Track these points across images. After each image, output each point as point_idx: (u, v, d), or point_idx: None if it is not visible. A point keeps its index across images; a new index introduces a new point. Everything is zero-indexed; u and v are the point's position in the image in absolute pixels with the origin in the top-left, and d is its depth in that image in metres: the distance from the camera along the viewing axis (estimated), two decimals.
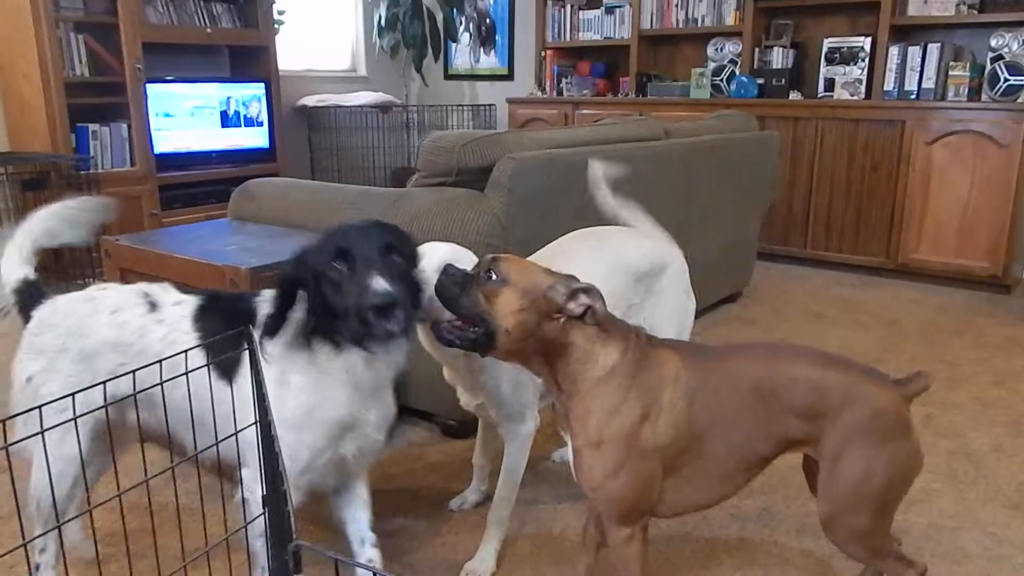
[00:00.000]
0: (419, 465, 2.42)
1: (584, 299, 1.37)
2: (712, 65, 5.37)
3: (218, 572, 1.73)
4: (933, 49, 4.49)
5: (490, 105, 6.66)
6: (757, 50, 5.20)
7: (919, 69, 4.55)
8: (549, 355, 1.40)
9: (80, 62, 4.59)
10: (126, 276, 2.42)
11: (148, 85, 4.82)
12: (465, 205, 2.39)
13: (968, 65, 4.40)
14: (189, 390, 1.41)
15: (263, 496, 1.27)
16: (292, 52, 6.15)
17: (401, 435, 2.59)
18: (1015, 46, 4.20)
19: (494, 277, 1.37)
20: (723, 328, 3.72)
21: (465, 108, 6.66)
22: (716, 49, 5.35)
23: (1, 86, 4.62)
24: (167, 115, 5.01)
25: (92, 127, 4.65)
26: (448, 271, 1.41)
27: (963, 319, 3.90)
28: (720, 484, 1.46)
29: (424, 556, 1.94)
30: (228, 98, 5.34)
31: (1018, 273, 4.48)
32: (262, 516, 1.32)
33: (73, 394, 1.15)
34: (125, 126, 4.77)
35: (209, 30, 5.22)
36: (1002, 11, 4.32)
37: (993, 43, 4.26)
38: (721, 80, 5.32)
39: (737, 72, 5.24)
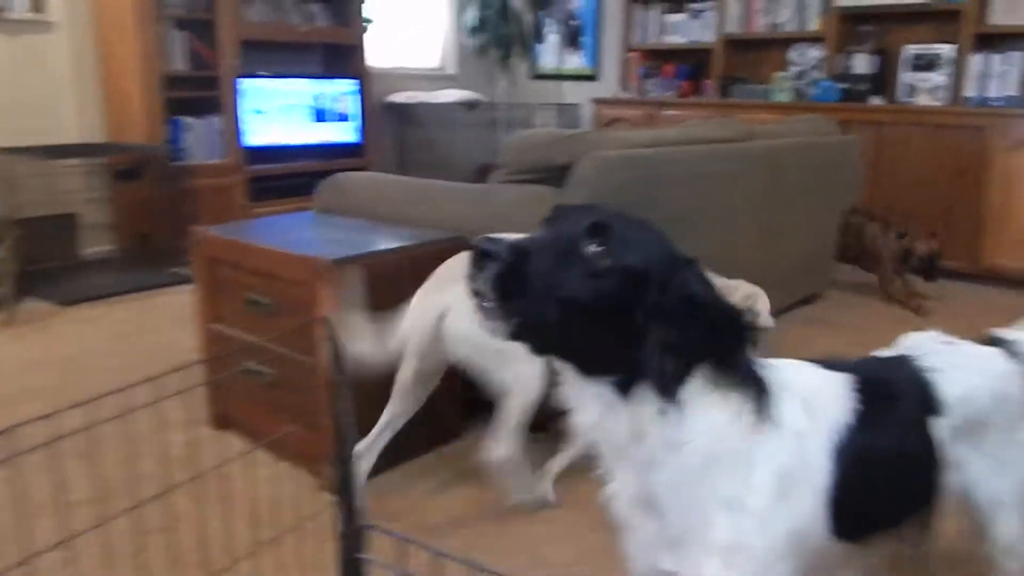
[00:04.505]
0: None
1: None
2: (794, 69, 5.40)
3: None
4: (1016, 57, 4.49)
5: (575, 104, 6.78)
6: (840, 55, 5.21)
7: (1001, 77, 4.54)
8: None
9: (180, 57, 4.81)
10: (214, 266, 2.49)
11: (242, 80, 5.02)
12: (547, 201, 2.44)
13: None
14: None
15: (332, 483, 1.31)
16: (384, 50, 6.36)
17: (475, 429, 2.55)
18: None
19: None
20: (802, 329, 3.74)
21: (550, 107, 6.78)
22: (799, 54, 5.37)
23: (103, 78, 4.82)
24: (258, 110, 5.19)
25: (186, 120, 4.85)
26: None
27: None
28: None
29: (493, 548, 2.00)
30: (320, 94, 5.53)
31: None
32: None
33: None
34: (217, 119, 4.96)
35: (304, 28, 5.42)
36: None
37: None
38: (803, 84, 5.35)
39: (819, 77, 5.26)
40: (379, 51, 6.22)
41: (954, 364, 1.29)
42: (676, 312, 0.96)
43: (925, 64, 4.79)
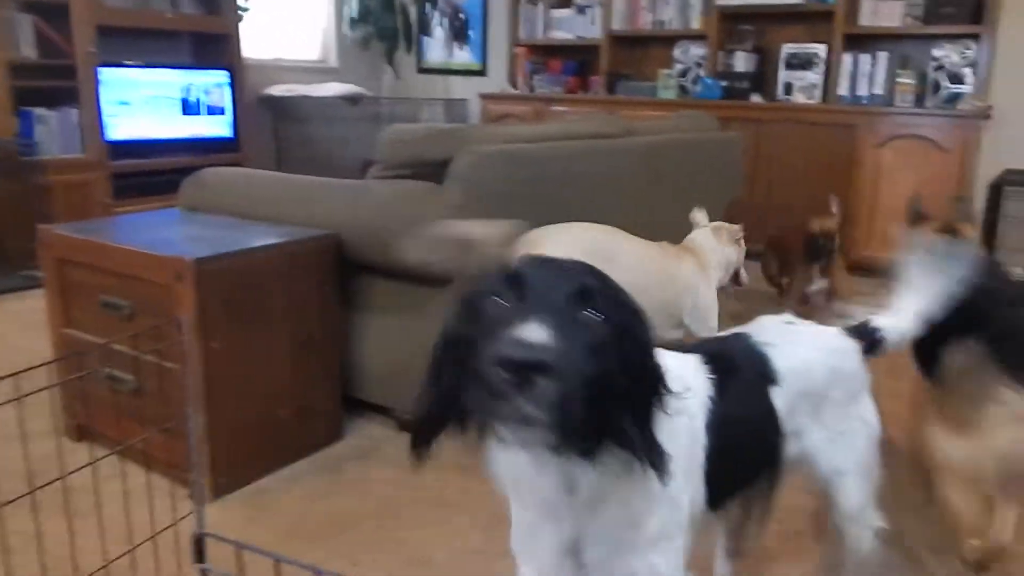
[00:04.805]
0: (374, 460, 2.39)
1: None
2: (678, 67, 5.47)
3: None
4: (882, 57, 4.72)
5: (463, 100, 6.70)
6: (721, 53, 5.31)
7: (869, 76, 4.77)
8: None
9: (27, 43, 4.44)
10: (65, 267, 2.34)
11: (103, 70, 4.69)
12: (424, 198, 2.39)
13: (913, 73, 4.63)
14: None
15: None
16: (261, 41, 6.13)
17: (356, 430, 2.57)
18: (955, 57, 4.42)
19: None
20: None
21: (437, 102, 6.69)
22: (683, 52, 5.45)
23: None
24: (123, 102, 4.88)
25: (38, 111, 4.49)
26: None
27: None
28: None
29: (374, 550, 1.95)
30: (189, 85, 5.24)
31: None
32: None
33: None
34: (75, 111, 4.63)
35: (170, 15, 5.13)
36: (944, 24, 4.54)
37: (935, 53, 4.53)
38: (687, 81, 5.43)
39: (702, 74, 5.35)
40: (255, 41, 5.99)
41: (790, 340, 1.34)
42: (637, 365, 0.91)
43: (800, 63, 4.94)
